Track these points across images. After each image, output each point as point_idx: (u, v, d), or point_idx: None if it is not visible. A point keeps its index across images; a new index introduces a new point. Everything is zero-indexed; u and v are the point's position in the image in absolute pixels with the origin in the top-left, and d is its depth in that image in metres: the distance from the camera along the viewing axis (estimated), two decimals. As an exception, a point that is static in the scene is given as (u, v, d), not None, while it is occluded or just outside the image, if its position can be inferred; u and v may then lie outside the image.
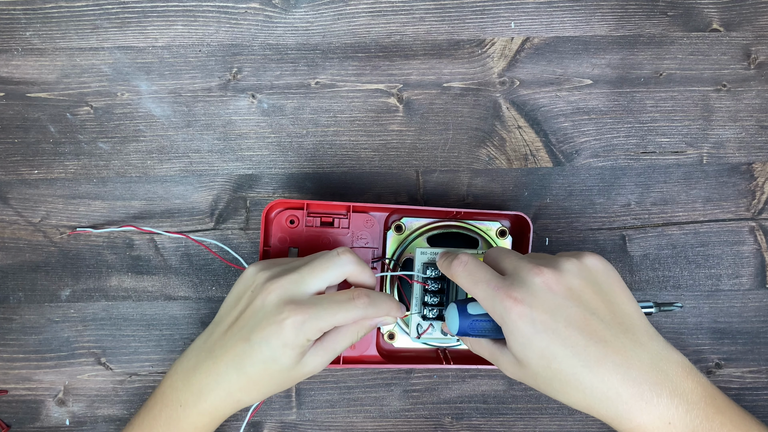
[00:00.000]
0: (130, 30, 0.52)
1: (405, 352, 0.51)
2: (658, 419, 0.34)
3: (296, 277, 0.41)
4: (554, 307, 0.36)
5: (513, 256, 0.40)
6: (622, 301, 0.38)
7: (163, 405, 0.42)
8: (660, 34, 0.54)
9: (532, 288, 0.36)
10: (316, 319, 0.39)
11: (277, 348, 0.39)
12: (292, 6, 0.53)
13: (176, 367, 0.43)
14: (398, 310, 0.43)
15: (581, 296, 0.37)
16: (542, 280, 0.37)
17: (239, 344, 0.40)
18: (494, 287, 0.37)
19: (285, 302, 0.40)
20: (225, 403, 0.42)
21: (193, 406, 0.41)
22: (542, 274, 0.37)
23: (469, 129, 0.54)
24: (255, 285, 0.42)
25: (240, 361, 0.40)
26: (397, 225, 0.49)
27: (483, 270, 0.39)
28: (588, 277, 0.38)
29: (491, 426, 0.54)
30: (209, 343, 0.42)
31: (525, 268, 0.37)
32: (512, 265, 0.39)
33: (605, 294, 0.38)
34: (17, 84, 0.52)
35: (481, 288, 0.38)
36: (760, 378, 0.54)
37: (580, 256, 0.39)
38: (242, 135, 0.53)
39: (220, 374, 0.41)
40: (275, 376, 0.41)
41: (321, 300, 0.40)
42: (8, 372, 0.52)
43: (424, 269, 0.46)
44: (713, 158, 0.54)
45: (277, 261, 0.44)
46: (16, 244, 0.52)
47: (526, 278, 0.37)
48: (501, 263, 0.40)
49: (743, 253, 0.54)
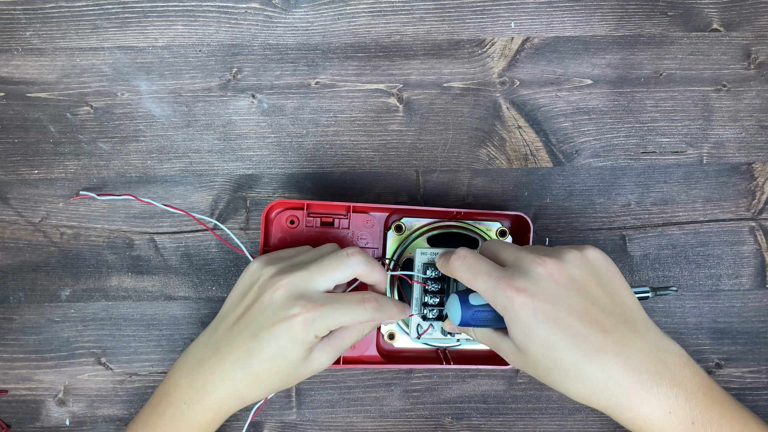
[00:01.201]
0: (130, 30, 0.52)
1: (405, 353, 0.51)
2: (658, 408, 0.34)
3: (305, 274, 0.41)
4: (556, 297, 0.36)
5: (512, 248, 0.40)
6: (621, 292, 0.38)
7: (168, 402, 0.42)
8: (660, 34, 0.54)
9: (534, 278, 0.36)
10: (327, 317, 0.39)
11: (285, 344, 0.39)
12: (292, 6, 0.53)
13: (180, 364, 0.43)
14: (403, 312, 0.44)
15: (583, 286, 0.37)
16: (545, 270, 0.37)
17: (246, 341, 0.40)
18: (495, 278, 0.37)
19: (295, 298, 0.40)
20: (230, 400, 0.42)
21: (198, 403, 0.41)
22: (545, 264, 0.37)
23: (469, 129, 0.54)
24: (261, 280, 0.42)
25: (247, 357, 0.40)
26: (398, 225, 0.49)
27: (482, 262, 0.39)
28: (589, 268, 0.38)
29: (491, 426, 0.54)
30: (214, 339, 0.42)
31: (527, 259, 0.38)
32: (512, 256, 0.39)
33: (606, 285, 0.38)
34: (17, 84, 0.52)
35: (482, 280, 0.38)
36: (760, 378, 0.54)
37: (582, 248, 0.39)
38: (242, 135, 0.53)
39: (226, 371, 0.41)
40: (282, 373, 0.41)
41: (332, 299, 0.40)
42: (8, 372, 0.52)
43: (424, 269, 0.46)
44: (713, 158, 0.54)
45: (281, 254, 0.44)
46: (16, 244, 0.52)
47: (528, 268, 0.37)
48: (500, 255, 0.40)
49: (743, 253, 0.54)
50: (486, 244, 0.43)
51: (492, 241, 0.43)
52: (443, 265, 0.42)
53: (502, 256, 0.40)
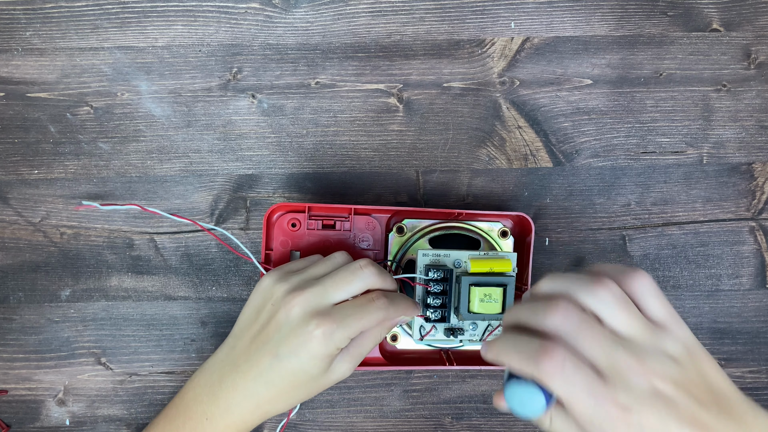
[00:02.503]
0: (130, 30, 0.52)
1: (408, 354, 0.51)
2: None
3: (320, 289, 0.41)
4: (663, 409, 0.31)
5: (599, 344, 0.33)
6: (714, 375, 0.33)
7: (187, 417, 0.43)
8: (660, 34, 0.54)
9: (636, 390, 0.31)
10: (345, 328, 0.40)
11: (306, 361, 0.40)
12: (292, 6, 0.53)
13: (198, 380, 0.43)
14: (415, 308, 0.44)
15: (684, 385, 0.32)
16: (646, 380, 0.32)
17: (265, 358, 0.40)
18: (597, 396, 0.31)
19: (311, 315, 0.40)
20: (253, 416, 0.42)
21: (221, 419, 0.42)
22: (645, 373, 0.32)
23: (469, 129, 0.54)
24: (275, 297, 0.42)
25: (268, 375, 0.40)
26: (399, 227, 0.49)
27: (582, 372, 0.32)
28: (682, 357, 0.33)
29: (491, 426, 0.54)
30: (232, 357, 0.42)
31: (623, 365, 0.32)
32: (604, 357, 0.32)
33: (699, 373, 0.33)
34: (17, 84, 0.52)
35: (581, 397, 0.32)
36: (760, 378, 0.54)
37: (672, 335, 0.33)
38: (242, 135, 0.53)
39: (248, 389, 0.41)
40: (303, 387, 0.41)
41: (345, 308, 0.41)
42: (8, 372, 0.52)
43: (426, 271, 0.46)
44: (713, 158, 0.54)
45: (292, 267, 0.44)
46: (16, 244, 0.52)
47: (628, 378, 0.32)
48: (584, 350, 0.33)
49: (743, 253, 0.54)
50: (564, 326, 0.33)
51: (573, 327, 0.33)
52: (521, 360, 0.33)
53: (591, 352, 0.33)
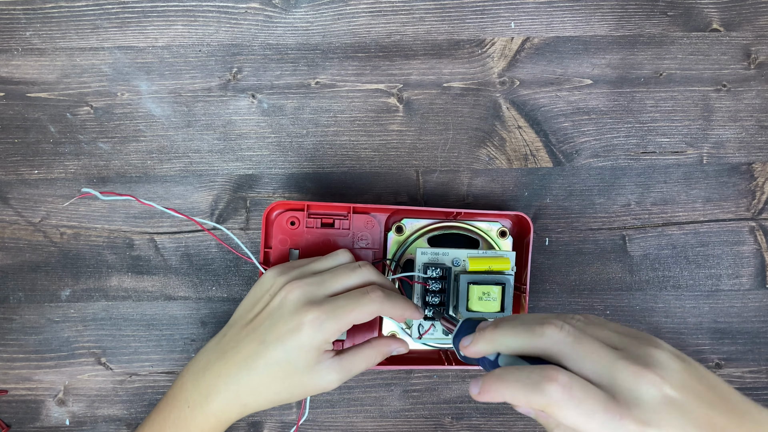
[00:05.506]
0: (130, 30, 0.52)
1: (407, 353, 0.51)
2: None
3: (317, 280, 0.41)
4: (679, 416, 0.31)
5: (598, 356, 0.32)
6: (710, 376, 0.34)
7: (173, 406, 0.42)
8: (660, 34, 0.54)
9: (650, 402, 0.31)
10: (335, 318, 0.39)
11: (290, 349, 0.39)
12: (292, 6, 0.53)
13: (188, 368, 0.43)
14: (415, 309, 0.43)
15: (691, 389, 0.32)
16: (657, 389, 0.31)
17: (252, 344, 0.40)
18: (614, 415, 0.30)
19: (303, 303, 0.40)
20: (231, 406, 0.41)
21: (200, 407, 0.41)
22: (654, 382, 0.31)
23: (469, 129, 0.54)
24: (273, 287, 0.42)
25: (252, 361, 0.40)
26: (398, 226, 0.49)
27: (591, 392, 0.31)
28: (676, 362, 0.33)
29: (491, 426, 0.54)
30: (222, 344, 0.42)
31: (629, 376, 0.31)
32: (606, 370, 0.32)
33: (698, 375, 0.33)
34: (17, 84, 0.52)
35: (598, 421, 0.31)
36: (760, 378, 0.54)
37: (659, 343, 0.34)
38: (242, 135, 0.53)
39: (230, 375, 0.41)
40: (286, 380, 0.40)
41: (338, 299, 0.40)
42: (8, 372, 0.52)
43: (424, 269, 0.46)
44: (713, 158, 0.54)
45: (294, 264, 0.44)
46: (16, 244, 0.52)
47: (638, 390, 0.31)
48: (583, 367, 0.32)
49: (743, 253, 0.54)
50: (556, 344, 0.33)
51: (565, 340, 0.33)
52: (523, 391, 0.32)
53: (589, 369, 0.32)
